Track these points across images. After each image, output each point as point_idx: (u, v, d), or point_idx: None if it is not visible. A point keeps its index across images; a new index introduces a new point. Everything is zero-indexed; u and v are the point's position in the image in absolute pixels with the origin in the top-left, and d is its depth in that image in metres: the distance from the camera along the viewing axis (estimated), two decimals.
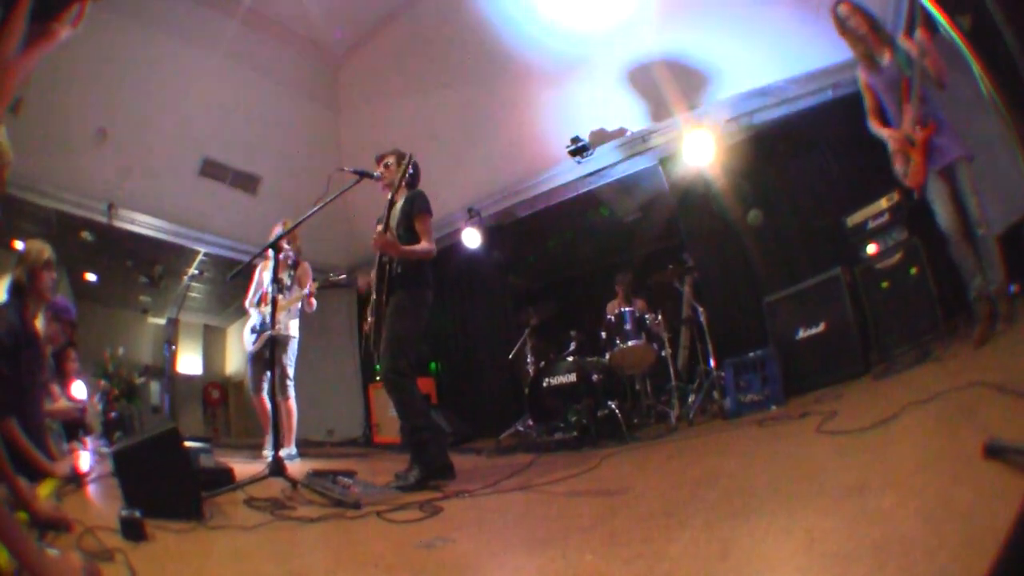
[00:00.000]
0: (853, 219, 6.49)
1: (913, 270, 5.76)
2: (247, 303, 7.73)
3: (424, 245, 5.10)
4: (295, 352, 7.41)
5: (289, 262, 7.14)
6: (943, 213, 4.92)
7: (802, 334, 6.55)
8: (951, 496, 2.00)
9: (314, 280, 7.35)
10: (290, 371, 7.25)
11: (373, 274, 5.29)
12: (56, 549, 2.12)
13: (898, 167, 5.19)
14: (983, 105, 4.56)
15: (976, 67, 2.31)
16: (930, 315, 5.53)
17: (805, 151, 8.12)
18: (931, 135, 4.89)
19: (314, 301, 7.29)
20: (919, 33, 4.70)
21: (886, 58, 5.15)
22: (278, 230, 6.83)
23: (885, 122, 5.34)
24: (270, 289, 7.00)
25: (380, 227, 4.97)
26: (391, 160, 5.47)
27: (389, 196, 5.12)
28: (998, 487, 1.90)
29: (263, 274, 7.66)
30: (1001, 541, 1.31)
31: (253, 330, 7.52)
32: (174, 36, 8.67)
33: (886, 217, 6.23)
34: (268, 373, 6.61)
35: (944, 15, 2.38)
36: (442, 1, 8.91)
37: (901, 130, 5.07)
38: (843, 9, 5.25)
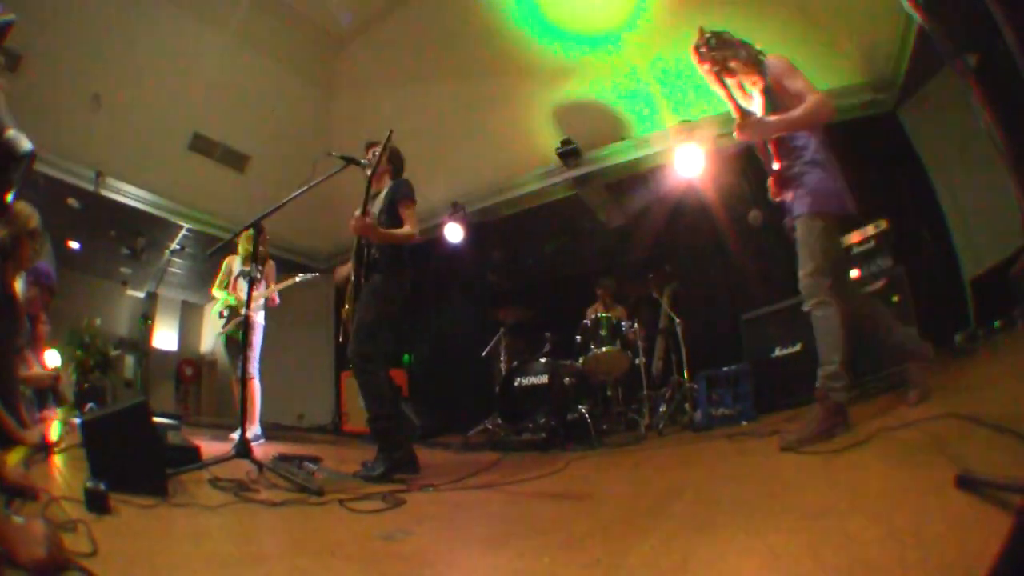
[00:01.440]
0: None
1: (895, 298, 5.75)
2: (214, 289, 7.83)
3: (406, 229, 5.10)
4: (260, 338, 7.51)
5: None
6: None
7: (778, 352, 6.53)
8: (919, 524, 1.99)
9: (276, 281, 7.57)
10: (254, 353, 7.30)
11: (352, 258, 5.30)
12: (21, 517, 2.12)
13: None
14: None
15: (980, 106, 2.34)
16: None
17: None
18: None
19: (277, 298, 7.57)
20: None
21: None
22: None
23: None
24: (241, 279, 7.13)
25: (358, 211, 4.98)
26: (380, 149, 5.47)
27: (367, 181, 5.10)
28: (968, 518, 1.89)
29: (231, 264, 7.88)
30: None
31: (221, 314, 7.61)
32: (180, 7, 8.65)
33: (872, 243, 6.26)
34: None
35: (952, 52, 2.41)
36: None
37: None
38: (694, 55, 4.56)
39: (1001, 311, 5.26)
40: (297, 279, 7.45)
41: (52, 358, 6.78)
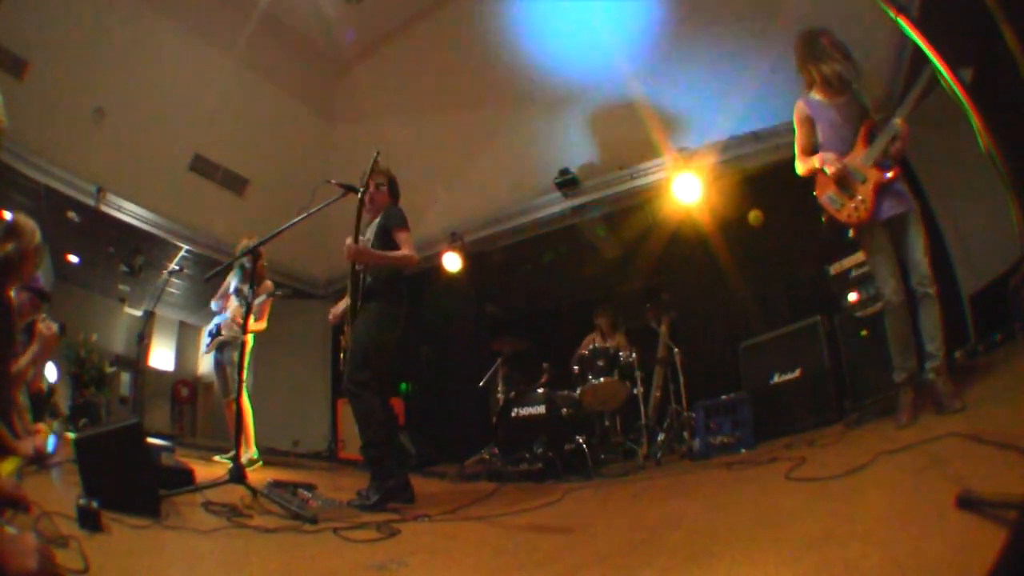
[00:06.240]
0: (836, 267, 6.49)
1: None
2: (213, 304, 7.71)
3: (403, 251, 5.08)
4: (245, 356, 7.26)
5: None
6: (886, 273, 4.56)
7: (777, 379, 6.54)
8: (920, 548, 1.97)
9: (267, 296, 7.30)
10: (241, 374, 7.11)
11: (348, 285, 5.27)
12: (13, 527, 2.10)
13: (829, 195, 4.74)
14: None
15: (974, 120, 2.33)
16: None
17: (793, 197, 8.18)
18: (891, 181, 4.48)
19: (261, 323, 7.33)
20: (899, 122, 4.36)
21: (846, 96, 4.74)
22: (245, 242, 6.81)
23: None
24: (234, 297, 6.98)
25: (349, 239, 4.98)
26: (380, 178, 5.47)
27: (358, 206, 5.08)
28: (970, 539, 1.86)
29: (229, 279, 7.68)
30: None
31: (210, 334, 7.50)
32: (187, 28, 8.76)
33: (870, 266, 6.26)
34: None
35: (945, 66, 2.40)
36: (446, 25, 9.01)
37: (847, 162, 4.62)
38: (823, 39, 4.81)
39: (1000, 325, 5.24)
40: (263, 296, 7.19)
41: (48, 370, 6.72)
